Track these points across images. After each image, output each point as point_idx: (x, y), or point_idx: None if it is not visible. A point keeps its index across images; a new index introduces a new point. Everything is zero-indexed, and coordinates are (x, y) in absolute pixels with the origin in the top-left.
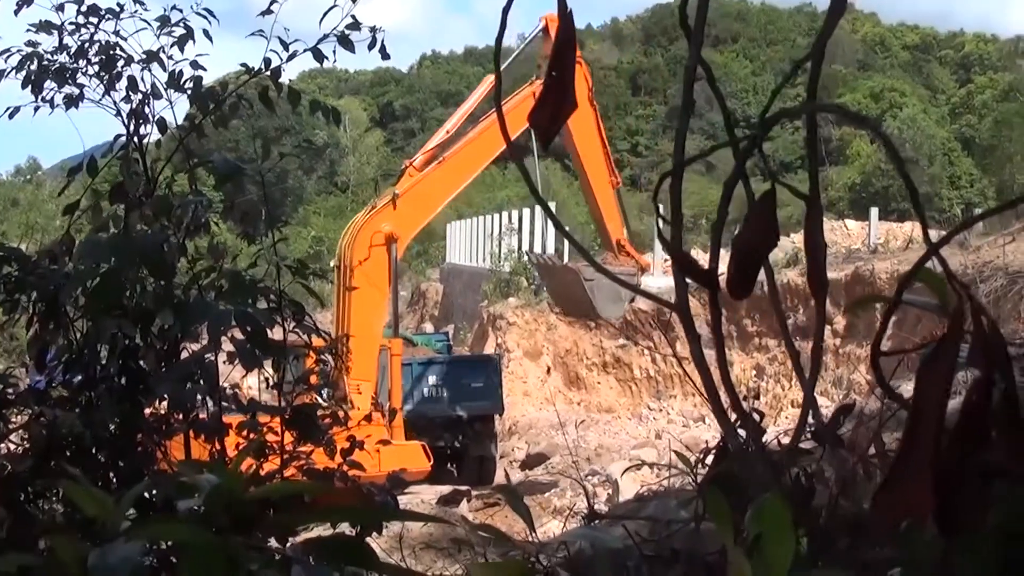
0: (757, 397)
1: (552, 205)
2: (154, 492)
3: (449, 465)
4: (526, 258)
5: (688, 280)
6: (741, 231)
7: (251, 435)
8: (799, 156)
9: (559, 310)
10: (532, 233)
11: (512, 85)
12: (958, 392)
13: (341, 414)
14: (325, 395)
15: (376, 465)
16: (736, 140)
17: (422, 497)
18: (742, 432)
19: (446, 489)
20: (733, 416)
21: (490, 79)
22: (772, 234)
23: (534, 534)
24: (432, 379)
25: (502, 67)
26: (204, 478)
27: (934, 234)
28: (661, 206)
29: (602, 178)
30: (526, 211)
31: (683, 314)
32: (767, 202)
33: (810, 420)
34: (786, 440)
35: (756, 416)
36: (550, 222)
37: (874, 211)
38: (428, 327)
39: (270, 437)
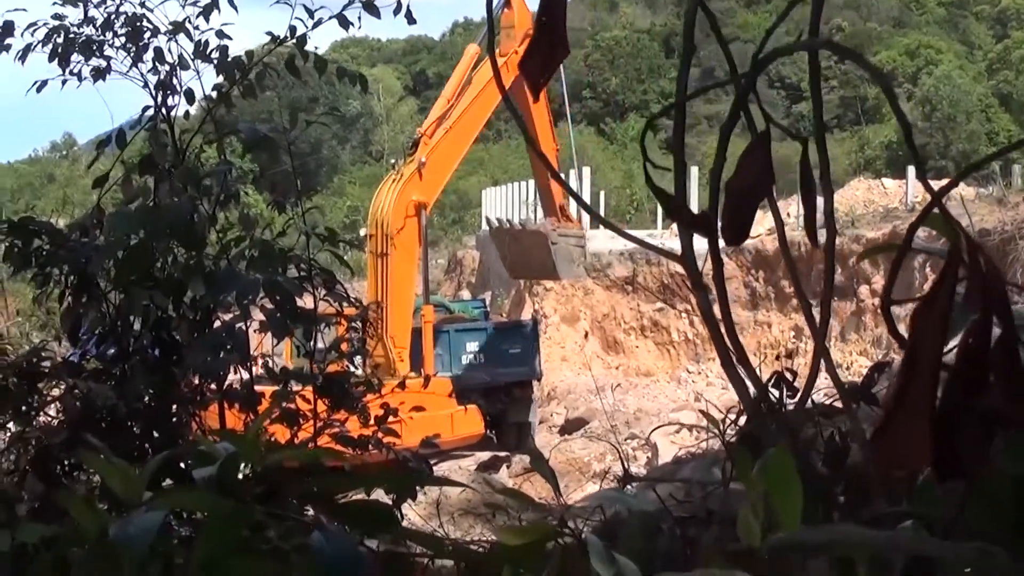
0: (790, 357)
1: (586, 171)
2: (188, 463)
3: (488, 431)
4: (485, 226)
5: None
6: (734, 174)
7: (286, 404)
8: (834, 116)
9: (515, 273)
10: (567, 197)
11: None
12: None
13: (375, 381)
14: (357, 363)
15: (450, 430)
16: (738, 77)
17: (460, 463)
18: (775, 393)
19: (485, 455)
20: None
21: (474, 48)
22: (766, 177)
23: (561, 498)
24: (469, 345)
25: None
26: (221, 446)
27: (971, 191)
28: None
29: (549, 144)
30: (562, 176)
31: (688, 265)
32: (761, 144)
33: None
34: (828, 403)
35: (789, 376)
36: (584, 185)
37: (911, 170)
38: (465, 294)
39: (303, 406)
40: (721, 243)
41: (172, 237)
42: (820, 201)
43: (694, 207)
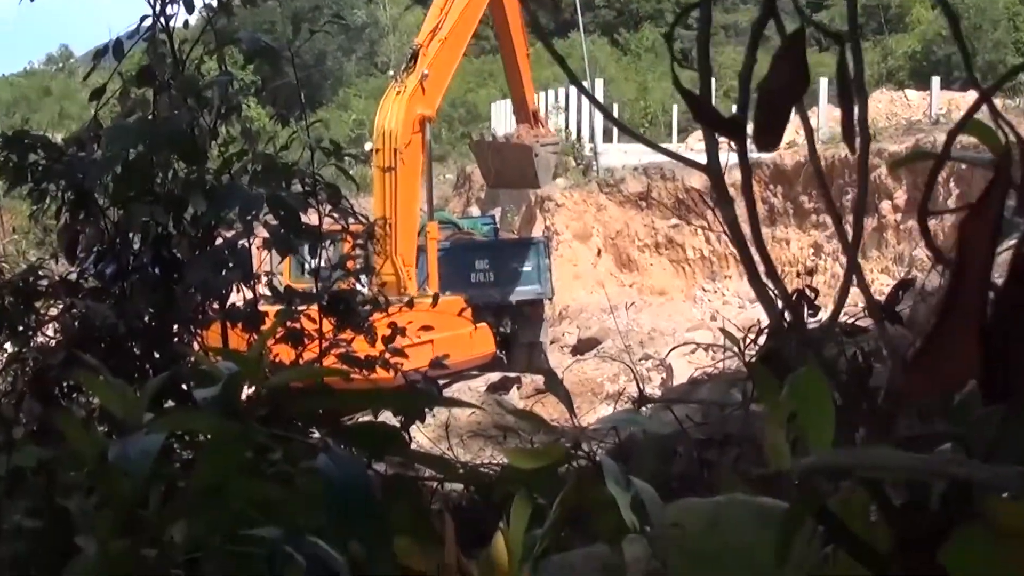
0: (810, 275)
1: (599, 82)
2: (189, 384)
3: (498, 351)
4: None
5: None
6: (768, 75)
7: (291, 323)
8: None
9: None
10: (580, 111)
11: None
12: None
13: (382, 300)
14: (364, 281)
15: (469, 348)
16: None
17: (470, 384)
18: (797, 311)
19: (495, 376)
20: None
21: None
22: (801, 78)
23: (575, 419)
24: (478, 263)
25: None
26: (223, 366)
27: (998, 103)
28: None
29: (523, 50)
30: (573, 89)
31: (713, 175)
32: (795, 43)
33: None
34: (849, 321)
35: (811, 293)
36: (598, 97)
37: (935, 80)
38: (474, 210)
39: (308, 326)
40: (751, 152)
41: (172, 151)
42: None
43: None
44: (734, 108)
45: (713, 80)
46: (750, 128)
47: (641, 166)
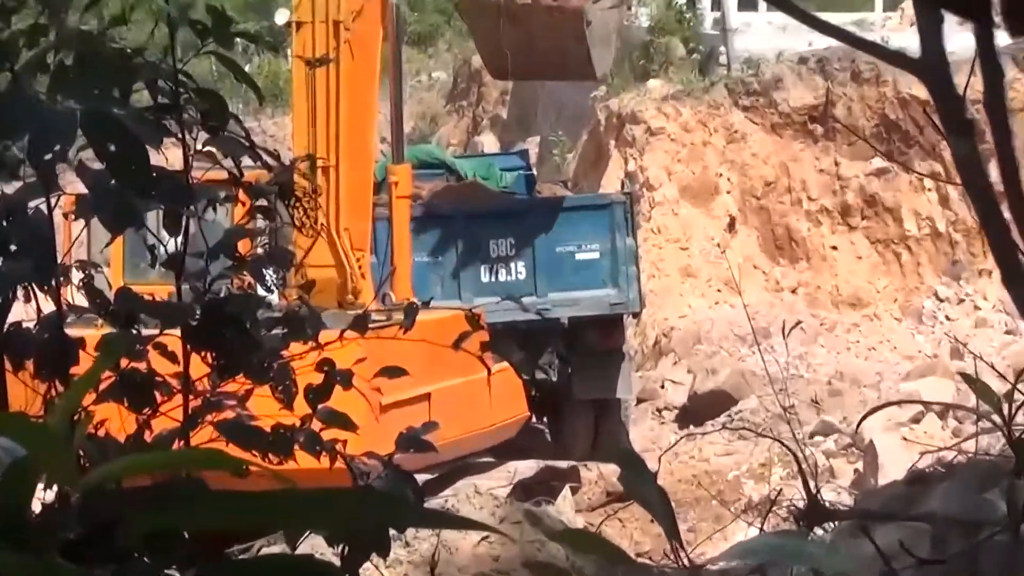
0: None
1: None
2: None
3: (535, 417)
4: None
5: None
6: None
7: (131, 362)
8: None
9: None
10: None
11: None
12: None
13: (305, 314)
14: (272, 280)
15: (479, 410)
16: None
17: (478, 481)
18: None
19: (528, 466)
20: None
21: None
22: None
23: (684, 551)
24: (494, 244)
25: None
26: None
27: None
28: None
29: None
30: None
31: (932, 78)
32: None
33: None
34: None
35: None
36: None
37: None
38: (488, 141)
39: (164, 366)
40: (1000, 38)
41: None
42: None
43: None
44: None
45: None
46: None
47: (813, 56)
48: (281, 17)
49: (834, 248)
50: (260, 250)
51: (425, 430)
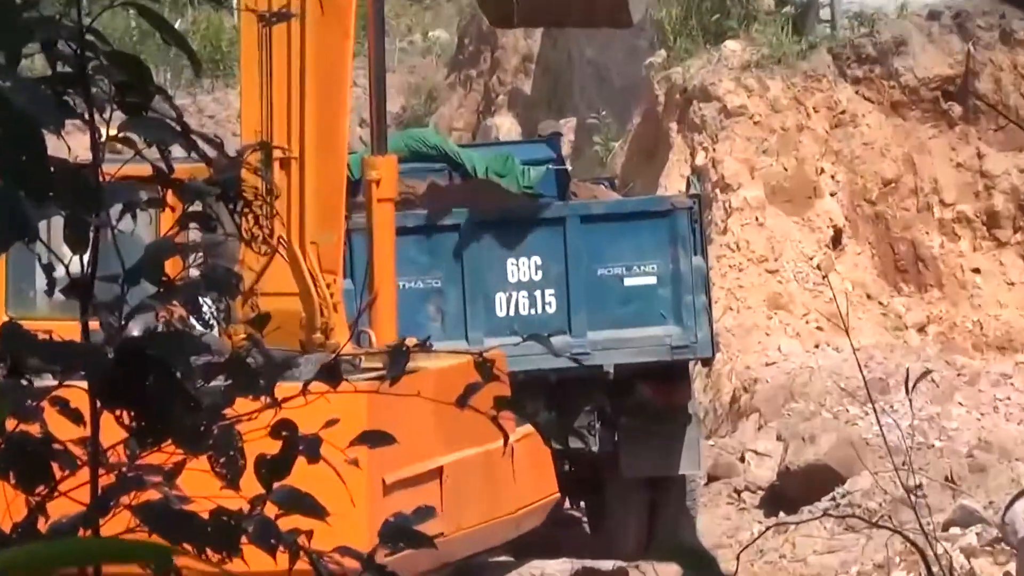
0: None
1: None
2: None
3: (568, 503)
4: None
5: None
6: None
7: (20, 423)
8: None
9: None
10: None
11: None
12: None
13: (256, 358)
14: (212, 311)
15: (496, 490)
16: None
17: None
18: None
19: (559, 567)
20: None
21: None
22: None
23: None
24: (520, 266)
25: None
26: None
27: None
28: None
29: None
30: None
31: None
32: None
33: None
34: None
35: None
36: None
37: None
38: (505, 124)
39: (64, 430)
40: None
41: None
42: None
43: None
44: None
45: None
46: None
47: (948, 10)
48: None
49: (976, 271)
50: (195, 272)
51: (421, 517)
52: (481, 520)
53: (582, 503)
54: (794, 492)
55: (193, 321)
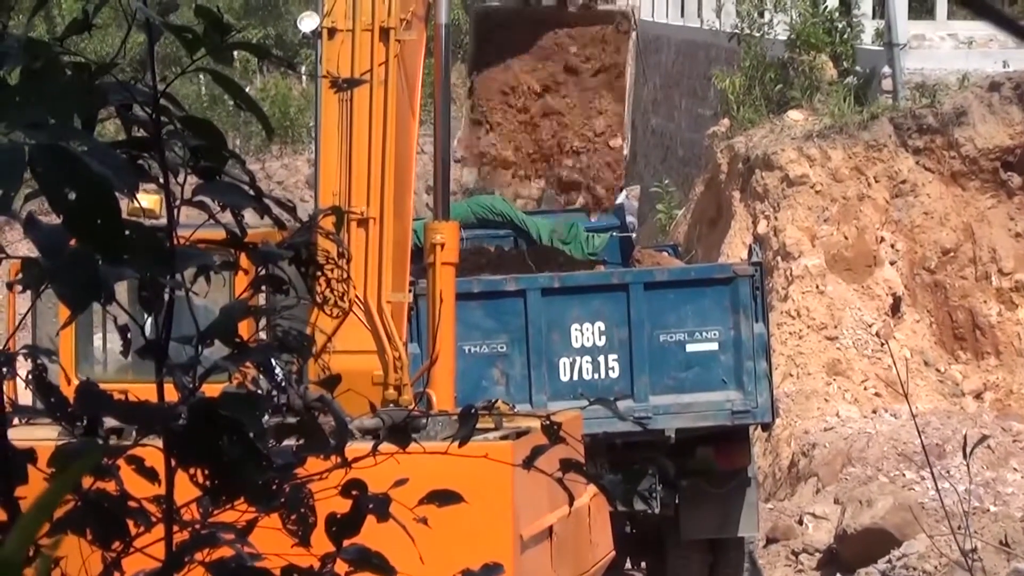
0: None
1: None
2: None
3: (629, 564)
4: None
5: None
6: None
7: (96, 481)
8: None
9: None
10: None
11: None
12: None
13: (328, 416)
14: (280, 372)
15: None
16: None
17: None
18: None
19: None
20: None
21: None
22: None
23: None
24: (584, 331)
25: None
26: None
27: None
28: None
29: None
30: None
31: None
32: None
33: None
34: None
35: None
36: None
37: None
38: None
39: (140, 488)
40: None
41: None
42: None
43: None
44: None
45: None
46: None
47: (1008, 80)
48: (308, 23)
49: None
50: (261, 334)
51: (489, 572)
52: None
53: (643, 564)
54: (851, 555)
55: (268, 382)
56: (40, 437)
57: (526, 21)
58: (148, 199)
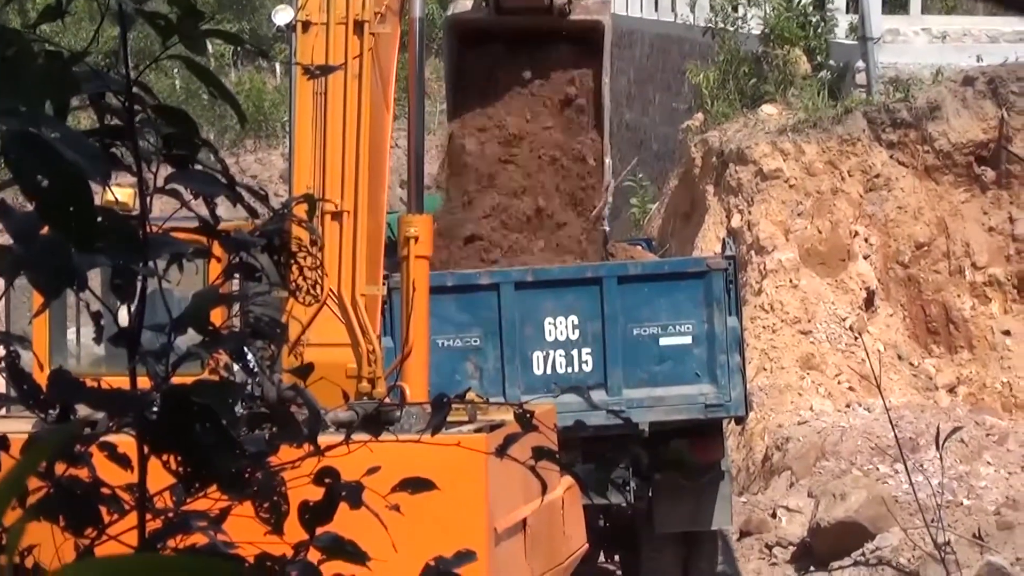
0: None
1: None
2: None
3: (603, 557)
4: None
5: None
6: None
7: (69, 468)
8: None
9: None
10: None
11: None
12: None
13: (299, 406)
14: (253, 359)
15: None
16: None
17: None
18: None
19: None
20: None
21: None
22: None
23: None
24: (556, 324)
25: None
26: None
27: None
28: None
29: None
30: None
31: None
32: None
33: None
34: None
35: None
36: None
37: None
38: None
39: (113, 476)
40: None
41: None
42: None
43: None
44: None
45: None
46: None
47: (982, 75)
48: (283, 17)
49: (1007, 333)
50: (233, 324)
51: (460, 559)
52: (544, 570)
53: (615, 557)
54: (825, 548)
55: (238, 369)
56: (15, 429)
57: (504, 31)
58: (122, 192)
